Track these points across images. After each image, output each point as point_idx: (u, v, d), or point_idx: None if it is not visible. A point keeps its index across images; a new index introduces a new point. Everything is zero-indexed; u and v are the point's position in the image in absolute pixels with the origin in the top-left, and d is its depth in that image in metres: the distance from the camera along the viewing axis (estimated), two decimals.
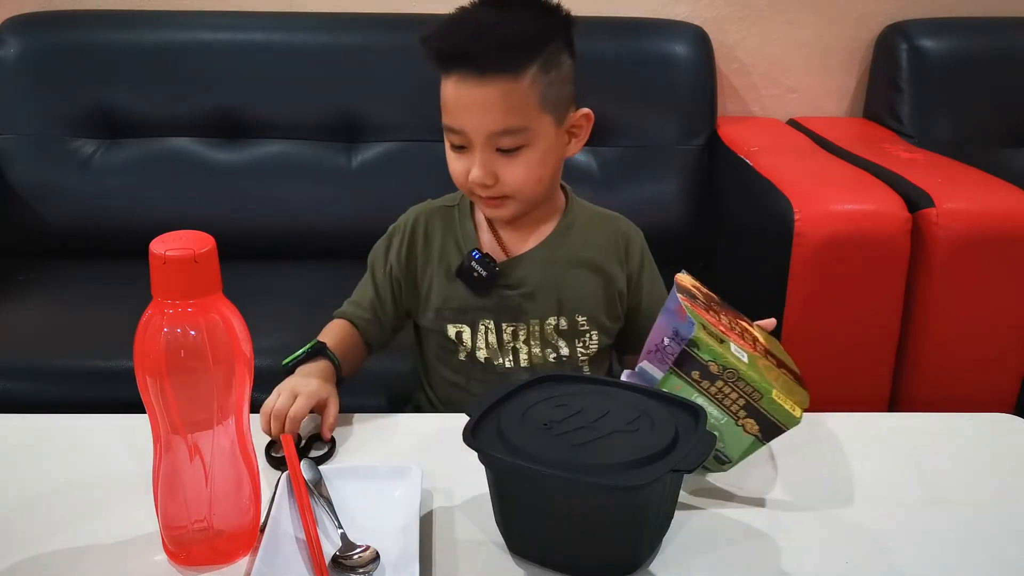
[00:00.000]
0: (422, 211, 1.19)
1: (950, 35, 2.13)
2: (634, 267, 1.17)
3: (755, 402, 0.86)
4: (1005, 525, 0.85)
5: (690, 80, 2.06)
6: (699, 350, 0.85)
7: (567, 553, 0.77)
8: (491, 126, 1.04)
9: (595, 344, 1.15)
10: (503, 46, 1.03)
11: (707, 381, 0.86)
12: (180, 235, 0.71)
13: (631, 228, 1.20)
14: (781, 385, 0.89)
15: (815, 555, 0.81)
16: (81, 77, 1.98)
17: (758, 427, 0.87)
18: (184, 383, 0.71)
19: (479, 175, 1.05)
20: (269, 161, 1.99)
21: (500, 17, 1.05)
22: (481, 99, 1.03)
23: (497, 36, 1.03)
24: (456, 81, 1.03)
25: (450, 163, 1.10)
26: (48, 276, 1.87)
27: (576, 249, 1.15)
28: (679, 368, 0.86)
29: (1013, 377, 1.65)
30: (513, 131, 1.04)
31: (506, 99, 1.03)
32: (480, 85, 1.02)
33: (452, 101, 1.05)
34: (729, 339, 0.89)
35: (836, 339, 1.60)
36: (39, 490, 0.88)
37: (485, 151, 1.05)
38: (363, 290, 1.19)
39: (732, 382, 0.86)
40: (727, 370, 0.85)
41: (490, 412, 0.81)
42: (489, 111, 1.03)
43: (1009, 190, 1.64)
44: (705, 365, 0.85)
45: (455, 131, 1.06)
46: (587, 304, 1.14)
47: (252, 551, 0.78)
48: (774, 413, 0.86)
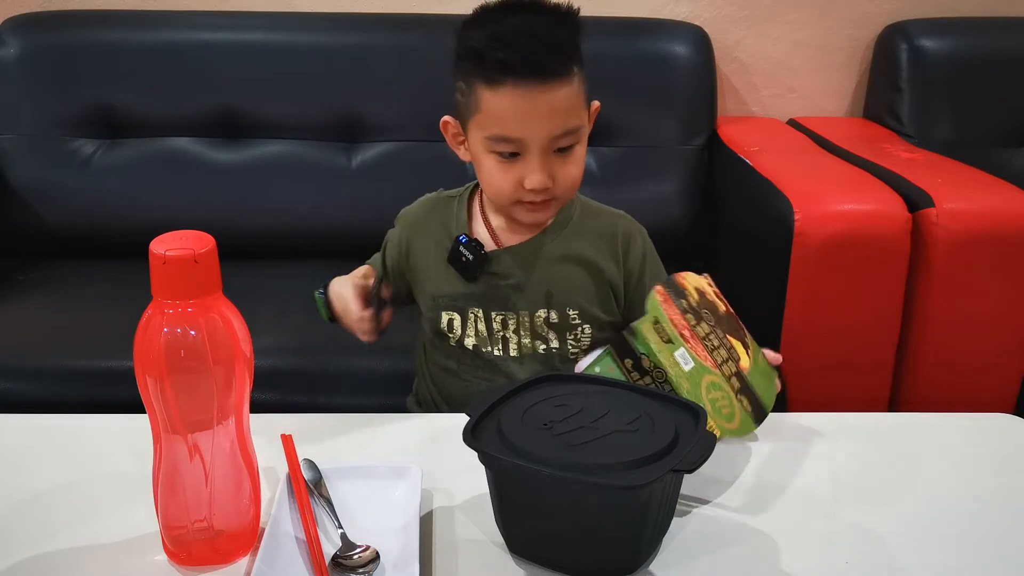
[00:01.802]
0: (427, 200, 1.21)
1: (950, 35, 2.13)
2: (634, 266, 1.17)
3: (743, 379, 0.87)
4: (1005, 525, 0.85)
5: (690, 80, 2.06)
6: (636, 340, 0.86)
7: (567, 553, 0.77)
8: (554, 130, 1.04)
9: (587, 338, 1.15)
10: (557, 50, 1.03)
11: (637, 373, 0.87)
12: (180, 235, 0.71)
13: (633, 226, 1.19)
14: (716, 406, 0.89)
15: (815, 555, 0.80)
16: (81, 77, 1.98)
17: None
18: (184, 383, 0.71)
19: (541, 180, 1.05)
20: (269, 161, 1.99)
21: (540, 21, 1.04)
22: (547, 105, 1.02)
23: (549, 40, 1.03)
24: (514, 90, 1.02)
25: (494, 175, 1.07)
26: (48, 276, 1.87)
27: (568, 244, 1.15)
28: (616, 351, 0.88)
29: (1013, 377, 1.65)
30: (572, 131, 1.05)
31: (566, 102, 1.04)
32: (543, 92, 1.02)
33: (510, 111, 1.03)
34: (683, 343, 0.89)
35: (836, 339, 1.60)
36: (39, 490, 0.87)
37: (543, 155, 1.05)
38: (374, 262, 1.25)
39: (658, 383, 0.87)
40: (656, 369, 0.86)
41: (490, 412, 0.81)
42: (554, 116, 1.03)
43: (1009, 190, 1.64)
44: (638, 357, 0.86)
45: (511, 140, 1.04)
46: (578, 298, 1.14)
47: (252, 551, 0.78)
48: None
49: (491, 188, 1.10)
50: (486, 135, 1.05)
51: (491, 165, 1.07)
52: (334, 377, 1.53)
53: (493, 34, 1.03)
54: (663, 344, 0.87)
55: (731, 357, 0.94)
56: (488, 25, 1.05)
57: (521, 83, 1.01)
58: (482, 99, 1.04)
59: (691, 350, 0.89)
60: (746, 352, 0.97)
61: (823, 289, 1.57)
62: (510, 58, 1.01)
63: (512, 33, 1.03)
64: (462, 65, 1.06)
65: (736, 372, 0.94)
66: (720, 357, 0.93)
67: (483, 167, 1.09)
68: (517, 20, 1.04)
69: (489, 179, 1.09)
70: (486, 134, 1.05)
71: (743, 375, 0.94)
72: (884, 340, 1.63)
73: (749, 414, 0.93)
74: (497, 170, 1.07)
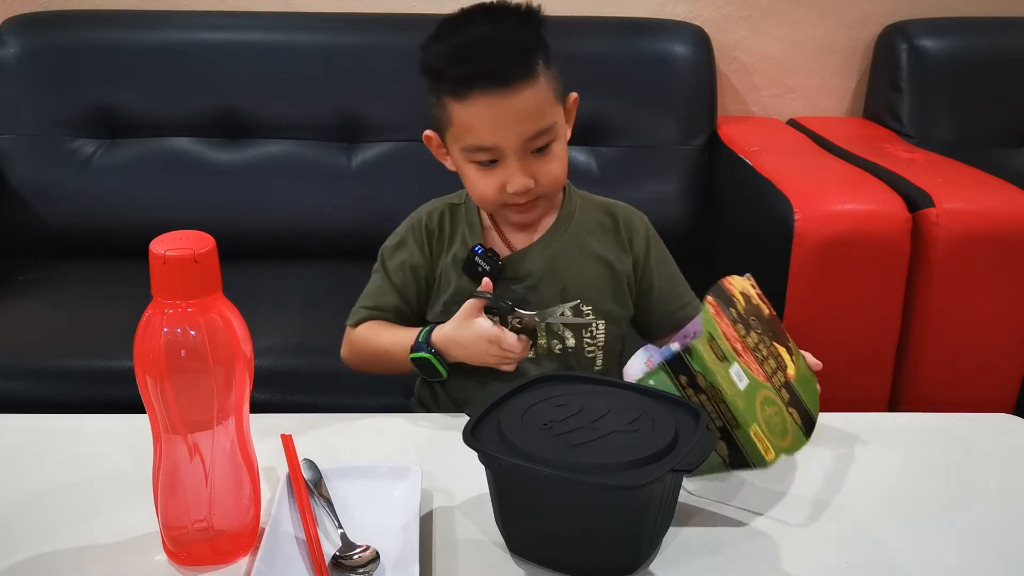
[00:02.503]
0: (434, 207, 1.20)
1: (950, 35, 2.13)
2: (639, 251, 1.18)
3: (731, 429, 0.86)
4: (1005, 525, 0.85)
5: (690, 80, 2.06)
6: (692, 358, 0.85)
7: (567, 553, 0.77)
8: (526, 133, 1.05)
9: (602, 335, 1.15)
10: (518, 54, 1.04)
11: (692, 390, 0.86)
12: (180, 235, 0.71)
13: (633, 213, 1.21)
14: (771, 424, 0.88)
15: (815, 555, 0.80)
16: (81, 77, 1.98)
17: (727, 452, 0.87)
18: (184, 383, 0.71)
19: (523, 182, 1.06)
20: (269, 161, 1.99)
21: (498, 27, 1.06)
22: (514, 111, 1.04)
23: (509, 46, 1.04)
24: (481, 100, 1.03)
25: (476, 183, 1.09)
26: (48, 276, 1.87)
27: (577, 239, 1.16)
28: (670, 367, 0.86)
29: (1013, 377, 1.65)
30: (545, 130, 1.06)
31: (534, 103, 1.05)
32: (509, 97, 1.03)
33: (481, 120, 1.05)
34: (737, 359, 0.88)
35: (836, 339, 1.60)
36: (39, 490, 0.88)
37: (520, 158, 1.06)
38: (381, 296, 1.18)
39: (715, 402, 0.85)
40: (713, 388, 0.85)
41: (490, 412, 0.81)
42: (523, 120, 1.05)
43: (1009, 190, 1.64)
44: (694, 375, 0.85)
45: (486, 149, 1.06)
46: (592, 293, 1.14)
47: (252, 551, 0.78)
48: (746, 447, 0.86)
49: (476, 195, 1.12)
50: (462, 146, 1.08)
51: (472, 174, 1.09)
52: (334, 377, 1.53)
53: (453, 48, 1.05)
54: (718, 363, 0.86)
55: (780, 367, 0.93)
56: (448, 39, 1.07)
57: (486, 92, 1.03)
58: (452, 112, 1.06)
59: (745, 365, 0.88)
60: (791, 358, 0.97)
61: (823, 289, 1.57)
62: (470, 71, 1.03)
63: (470, 45, 1.05)
64: (427, 82, 1.08)
65: (785, 383, 0.93)
66: (770, 368, 0.92)
67: (466, 176, 1.11)
68: (476, 30, 1.06)
69: (473, 187, 1.11)
70: (461, 145, 1.08)
71: (791, 385, 0.93)
72: (884, 340, 1.63)
73: (800, 427, 0.92)
74: (479, 178, 1.09)
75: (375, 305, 1.18)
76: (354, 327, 1.18)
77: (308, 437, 0.95)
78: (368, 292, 1.20)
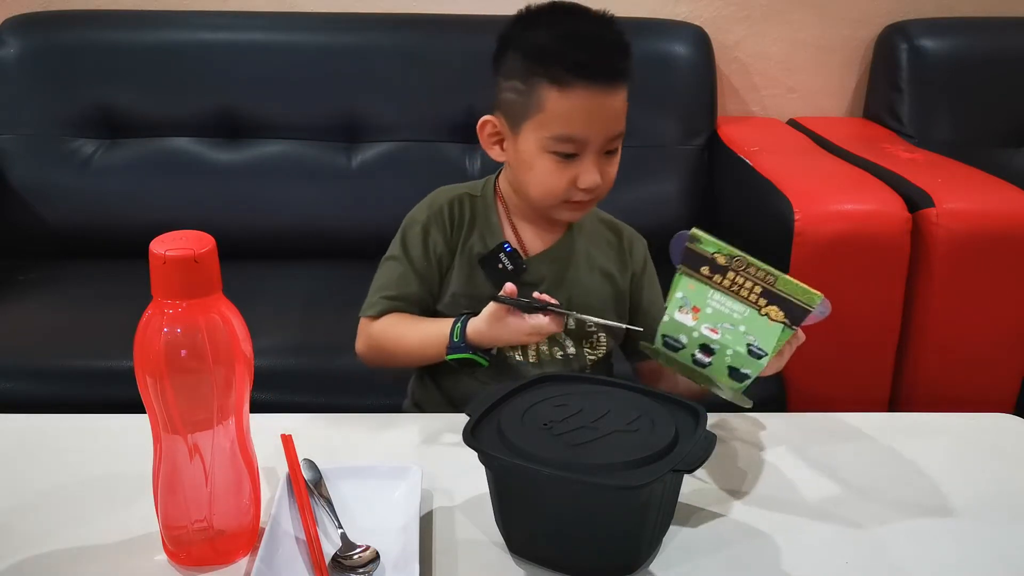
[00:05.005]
0: (455, 194, 1.16)
1: (950, 35, 2.13)
2: (637, 267, 1.20)
3: (771, 286, 0.85)
4: (1005, 525, 0.86)
5: (690, 80, 2.06)
6: (701, 244, 0.85)
7: (567, 553, 0.77)
8: (611, 132, 1.06)
9: (603, 347, 1.16)
10: (625, 56, 1.06)
11: (718, 275, 0.86)
12: (180, 235, 0.71)
13: (635, 235, 1.23)
14: None
15: (815, 555, 0.81)
16: (81, 77, 1.98)
17: (782, 313, 0.87)
18: (184, 383, 0.71)
19: (596, 179, 1.06)
20: (269, 161, 1.99)
21: (606, 26, 1.07)
22: (609, 108, 1.05)
23: (619, 45, 1.06)
24: (583, 92, 1.03)
25: (548, 175, 1.07)
26: (48, 276, 1.87)
27: (586, 250, 1.17)
28: (687, 266, 0.86)
29: (1013, 377, 1.65)
30: (622, 133, 1.08)
31: (622, 105, 1.07)
32: (609, 94, 1.04)
33: (578, 112, 1.04)
34: None
35: (836, 339, 1.60)
36: (39, 490, 0.88)
37: (598, 155, 1.07)
38: (404, 284, 1.13)
39: (743, 270, 0.85)
40: (735, 259, 0.85)
41: (490, 412, 0.81)
42: (615, 118, 1.06)
43: (1009, 190, 1.64)
44: (711, 258, 0.85)
45: (573, 140, 1.05)
46: (596, 305, 1.14)
47: (252, 551, 0.78)
48: (793, 293, 0.86)
49: (542, 188, 1.08)
50: (549, 135, 1.05)
51: (547, 165, 1.07)
52: (334, 377, 1.53)
53: (566, 35, 1.05)
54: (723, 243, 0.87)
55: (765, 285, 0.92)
56: (553, 26, 1.06)
57: (592, 85, 1.03)
58: (547, 99, 1.04)
59: None
60: None
61: (823, 289, 1.56)
62: (585, 59, 1.03)
63: (584, 37, 1.05)
64: (524, 64, 1.06)
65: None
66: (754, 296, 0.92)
67: (535, 167, 1.08)
68: (585, 25, 1.07)
69: (542, 179, 1.08)
70: (548, 134, 1.05)
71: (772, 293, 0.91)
72: (884, 340, 1.63)
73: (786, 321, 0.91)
74: (553, 170, 1.07)
75: (397, 294, 1.13)
76: (375, 319, 1.13)
77: (308, 437, 0.95)
78: (387, 281, 1.14)
